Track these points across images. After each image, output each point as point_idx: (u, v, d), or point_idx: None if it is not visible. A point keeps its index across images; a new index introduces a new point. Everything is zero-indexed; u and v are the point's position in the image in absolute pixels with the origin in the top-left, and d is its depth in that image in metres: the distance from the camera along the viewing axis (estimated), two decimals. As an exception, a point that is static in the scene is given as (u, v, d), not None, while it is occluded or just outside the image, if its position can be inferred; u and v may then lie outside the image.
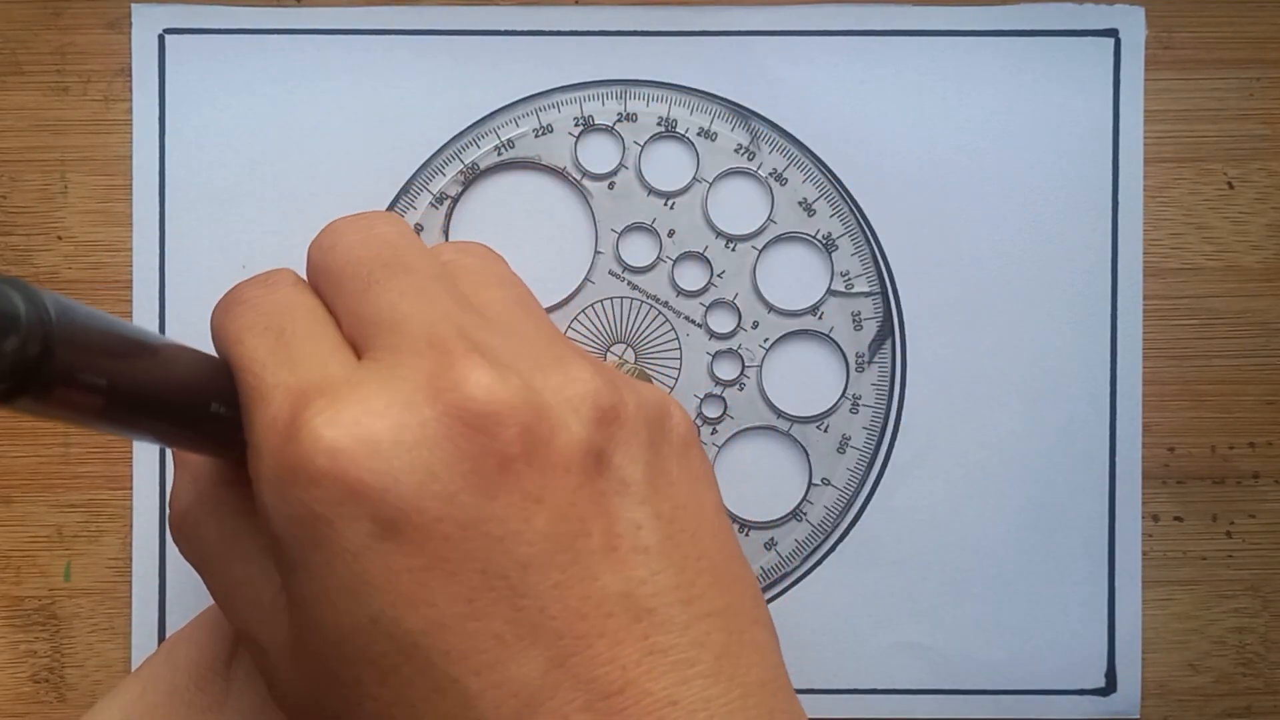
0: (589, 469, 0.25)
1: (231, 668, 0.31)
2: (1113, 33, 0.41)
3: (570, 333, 0.41)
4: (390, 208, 0.41)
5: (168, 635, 0.41)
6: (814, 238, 0.41)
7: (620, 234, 0.41)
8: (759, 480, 0.41)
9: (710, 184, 0.41)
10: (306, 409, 0.24)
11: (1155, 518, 0.42)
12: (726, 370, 0.41)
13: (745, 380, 0.41)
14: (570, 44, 0.41)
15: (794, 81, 0.41)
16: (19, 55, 0.41)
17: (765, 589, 0.41)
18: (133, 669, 0.41)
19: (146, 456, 0.41)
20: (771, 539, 0.41)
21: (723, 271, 0.41)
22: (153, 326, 0.41)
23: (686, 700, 0.24)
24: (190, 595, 0.41)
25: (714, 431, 0.41)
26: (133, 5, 0.41)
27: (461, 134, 0.41)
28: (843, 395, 0.41)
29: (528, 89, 0.41)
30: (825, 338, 0.41)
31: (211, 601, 0.29)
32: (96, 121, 0.41)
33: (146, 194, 0.41)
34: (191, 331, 0.41)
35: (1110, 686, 0.41)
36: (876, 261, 0.41)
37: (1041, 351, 0.41)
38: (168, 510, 0.34)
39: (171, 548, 0.41)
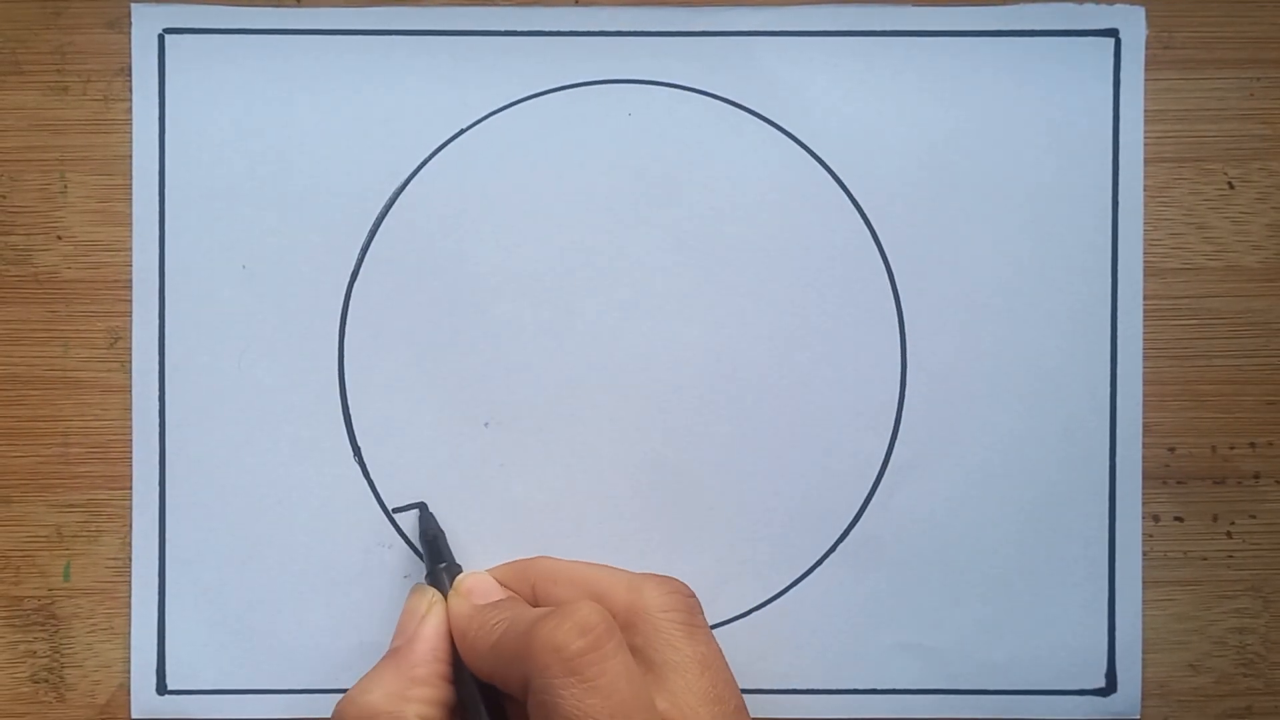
0: None
1: None
2: (1113, 33, 0.41)
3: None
4: (388, 208, 0.41)
5: (167, 635, 0.41)
6: (814, 238, 0.41)
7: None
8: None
9: (710, 184, 0.41)
10: None
11: (1155, 518, 0.42)
12: (726, 370, 0.41)
13: (745, 380, 0.41)
14: (570, 44, 0.41)
15: (794, 81, 0.41)
16: (19, 55, 0.41)
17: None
18: (132, 669, 0.41)
19: (146, 456, 0.41)
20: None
21: (723, 271, 0.41)
22: (152, 326, 0.41)
23: None
24: (190, 595, 0.41)
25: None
26: (132, 5, 0.41)
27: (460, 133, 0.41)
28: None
29: (528, 89, 0.41)
30: (825, 338, 0.41)
31: None
32: (96, 121, 0.41)
33: (146, 194, 0.41)
34: (191, 331, 0.41)
35: (1110, 687, 0.41)
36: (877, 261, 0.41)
37: (1042, 351, 0.41)
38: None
39: (171, 547, 0.41)
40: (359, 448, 0.41)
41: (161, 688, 0.41)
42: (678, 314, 0.41)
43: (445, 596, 0.38)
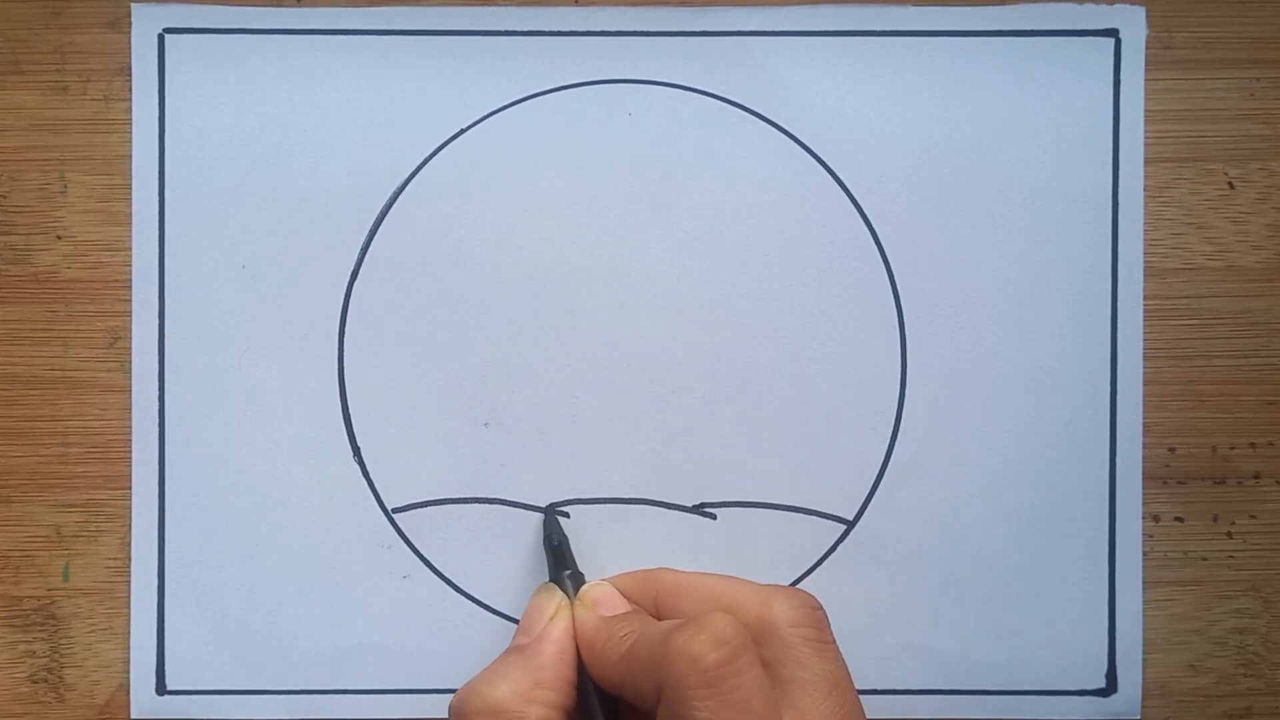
0: None
1: None
2: (1113, 33, 0.41)
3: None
4: (388, 208, 0.41)
5: (166, 636, 0.41)
6: (814, 238, 0.41)
7: (620, 234, 0.41)
8: (759, 480, 0.41)
9: (710, 184, 0.41)
10: None
11: (1156, 518, 0.42)
12: (726, 370, 0.41)
13: (745, 380, 0.41)
14: (570, 44, 0.41)
15: (794, 81, 0.41)
16: (19, 55, 0.41)
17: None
18: (131, 669, 0.41)
19: (145, 457, 0.41)
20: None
21: (723, 271, 0.41)
22: (152, 326, 0.41)
23: None
24: (189, 595, 0.41)
25: (714, 431, 0.41)
26: (132, 5, 0.41)
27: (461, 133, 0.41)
28: (843, 395, 0.41)
29: (528, 89, 0.41)
30: (825, 338, 0.41)
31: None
32: (96, 121, 0.41)
33: (146, 194, 0.41)
34: (191, 331, 0.41)
35: (1111, 687, 0.41)
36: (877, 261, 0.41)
37: (1042, 351, 0.41)
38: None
39: (170, 546, 0.41)
40: (359, 448, 0.41)
41: (161, 688, 0.41)
42: (678, 314, 0.41)
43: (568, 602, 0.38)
